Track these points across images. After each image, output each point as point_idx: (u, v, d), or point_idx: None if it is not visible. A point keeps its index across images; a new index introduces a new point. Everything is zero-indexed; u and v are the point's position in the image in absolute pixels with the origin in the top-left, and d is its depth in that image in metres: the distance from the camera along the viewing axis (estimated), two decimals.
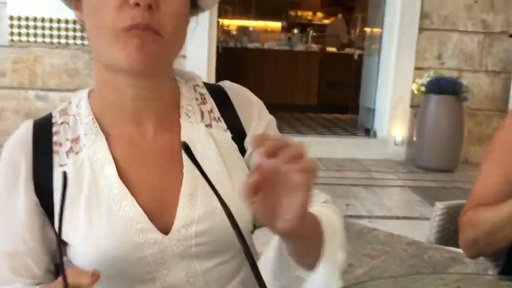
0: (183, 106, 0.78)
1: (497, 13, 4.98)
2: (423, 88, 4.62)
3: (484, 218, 0.99)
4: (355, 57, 6.76)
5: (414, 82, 4.79)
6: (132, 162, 0.74)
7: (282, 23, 10.37)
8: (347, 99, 7.15)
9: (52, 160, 0.74)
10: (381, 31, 5.22)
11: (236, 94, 0.82)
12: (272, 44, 8.33)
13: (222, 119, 0.79)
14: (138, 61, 0.67)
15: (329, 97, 7.68)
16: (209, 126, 0.78)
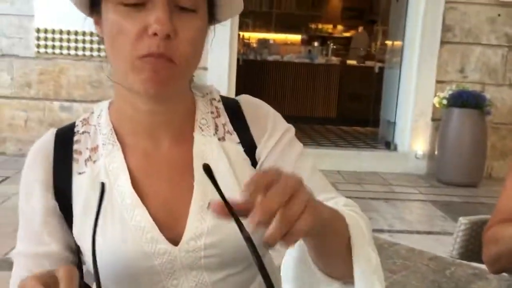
0: (198, 120, 0.79)
1: None
2: (445, 101, 4.57)
3: (508, 234, 0.97)
4: (376, 70, 6.74)
5: (435, 95, 4.75)
6: (146, 173, 0.76)
7: (302, 35, 10.41)
8: (367, 112, 7.12)
9: (72, 167, 0.76)
10: (402, 44, 5.20)
11: (250, 108, 0.83)
12: (292, 56, 8.36)
13: (234, 132, 0.80)
14: (151, 86, 0.69)
15: (349, 109, 7.65)
16: (222, 139, 0.79)
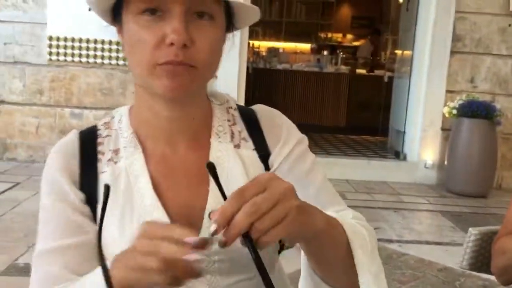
0: (215, 126, 0.82)
1: None
2: (455, 111, 4.55)
3: None
4: (385, 79, 6.73)
5: (445, 105, 4.73)
6: (164, 177, 0.78)
7: (312, 44, 10.43)
8: (377, 121, 7.10)
9: (97, 165, 0.79)
10: (412, 53, 5.19)
11: (265, 117, 0.85)
12: (302, 65, 8.38)
13: (250, 139, 0.83)
14: (171, 90, 0.72)
15: (358, 118, 7.64)
16: (237, 146, 0.81)
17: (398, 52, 5.91)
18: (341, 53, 9.30)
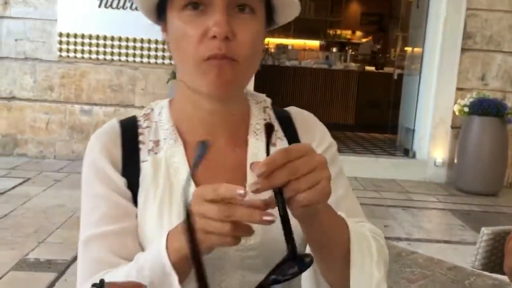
0: (252, 124, 0.84)
1: None
2: (466, 109, 4.52)
3: None
4: (395, 76, 6.69)
5: (456, 103, 4.70)
6: (203, 170, 0.78)
7: (321, 41, 10.40)
8: (386, 119, 7.06)
9: (139, 153, 0.81)
10: (422, 50, 5.16)
11: (299, 118, 0.88)
12: (310, 62, 8.35)
13: (285, 138, 0.85)
14: (216, 87, 0.74)
15: (367, 116, 7.61)
16: (273, 145, 0.83)
17: (408, 49, 5.87)
18: (350, 50, 9.25)
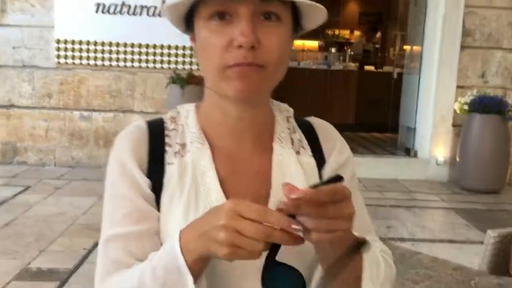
0: (277, 132, 0.85)
1: None
2: (466, 107, 4.50)
3: None
4: (394, 75, 6.67)
5: (456, 101, 4.68)
6: (230, 174, 0.80)
7: (319, 42, 10.38)
8: (386, 118, 7.04)
9: (164, 155, 0.81)
10: (421, 49, 5.14)
11: (321, 128, 0.90)
12: (309, 63, 8.33)
13: (308, 147, 0.87)
14: (241, 92, 0.74)
15: (367, 115, 7.58)
16: (297, 153, 0.85)
17: (407, 47, 5.85)
18: (348, 50, 9.24)
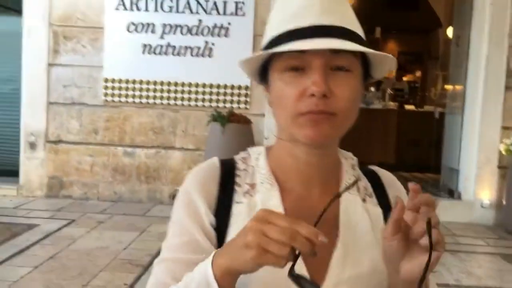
0: (344, 178, 0.87)
1: None
2: None
3: None
4: (436, 115, 6.59)
5: (501, 142, 4.56)
6: (297, 216, 0.81)
7: None
8: (427, 158, 6.91)
9: (233, 194, 0.84)
10: (464, 89, 5.08)
11: (386, 177, 0.93)
12: None
13: (374, 195, 0.89)
14: (312, 139, 0.78)
15: (408, 155, 7.46)
16: (364, 200, 0.87)
17: (449, 87, 5.79)
18: (388, 89, 9.20)
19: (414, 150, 7.41)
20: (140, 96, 4.96)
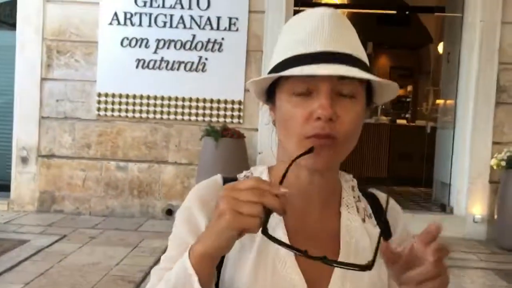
0: (344, 198, 0.90)
1: None
2: (503, 163, 4.41)
3: None
4: (428, 129, 6.64)
5: (493, 157, 4.60)
6: (299, 232, 0.85)
7: None
8: (419, 172, 6.94)
9: None
10: (455, 104, 5.13)
11: (384, 200, 0.93)
12: None
13: (373, 216, 0.91)
14: (315, 164, 0.80)
15: (400, 169, 7.50)
16: (363, 220, 0.89)
17: (440, 102, 5.85)
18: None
19: (406, 164, 7.45)
20: (133, 111, 4.96)
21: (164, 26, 4.92)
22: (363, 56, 0.83)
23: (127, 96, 4.95)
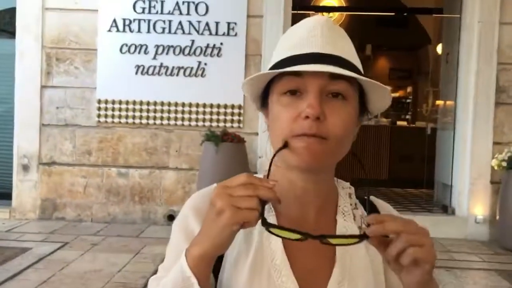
0: (340, 206, 0.90)
1: None
2: (504, 163, 4.41)
3: None
4: (428, 131, 6.63)
5: (494, 157, 4.60)
6: (294, 243, 0.83)
7: None
8: (420, 174, 6.94)
9: None
10: (455, 105, 5.13)
11: (382, 207, 0.94)
12: None
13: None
14: (304, 161, 0.80)
15: (400, 171, 7.50)
16: (359, 228, 0.88)
17: (440, 103, 5.85)
18: None
19: (407, 166, 7.45)
20: (134, 117, 4.97)
21: (163, 32, 4.93)
22: (356, 61, 0.83)
23: (127, 102, 4.96)
